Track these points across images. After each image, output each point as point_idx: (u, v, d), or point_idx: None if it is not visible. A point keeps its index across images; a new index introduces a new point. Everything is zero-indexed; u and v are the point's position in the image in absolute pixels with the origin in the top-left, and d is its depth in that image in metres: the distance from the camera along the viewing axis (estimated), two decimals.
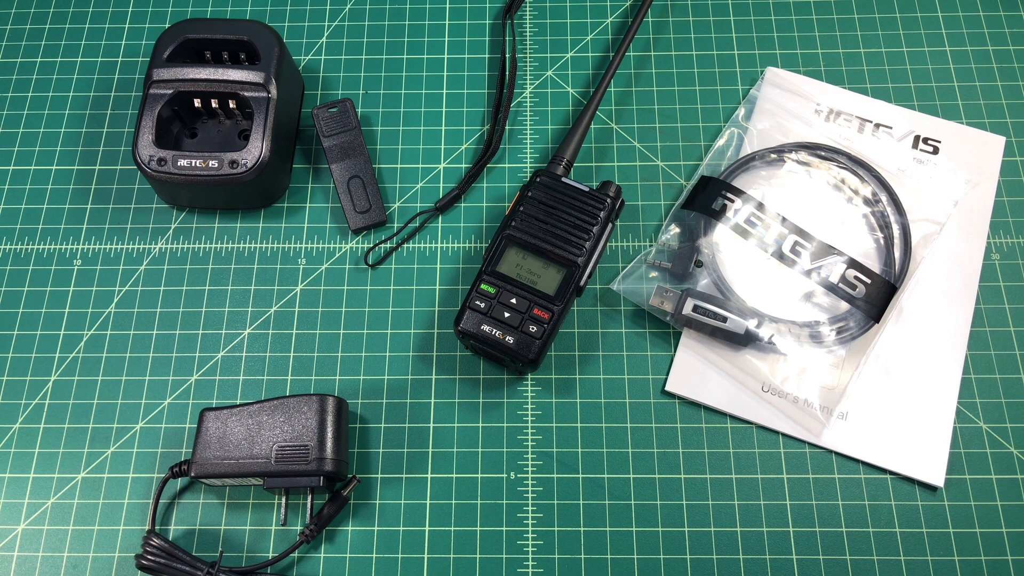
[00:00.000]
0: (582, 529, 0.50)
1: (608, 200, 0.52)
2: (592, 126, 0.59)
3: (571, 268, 0.50)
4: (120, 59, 0.63)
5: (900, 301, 0.53)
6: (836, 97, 0.60)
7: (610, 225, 0.52)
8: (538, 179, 0.53)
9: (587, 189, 0.52)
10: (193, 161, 0.54)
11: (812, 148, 0.57)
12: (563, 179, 0.53)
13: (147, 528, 0.49)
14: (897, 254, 0.54)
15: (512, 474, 0.51)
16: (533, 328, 0.49)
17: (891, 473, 0.50)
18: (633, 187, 0.58)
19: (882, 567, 0.48)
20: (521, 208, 0.52)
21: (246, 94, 0.55)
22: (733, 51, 0.62)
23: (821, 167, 0.57)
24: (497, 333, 0.49)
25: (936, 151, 0.58)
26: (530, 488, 0.51)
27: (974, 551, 0.48)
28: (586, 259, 0.50)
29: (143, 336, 0.55)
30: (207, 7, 0.65)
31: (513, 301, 0.50)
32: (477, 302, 0.50)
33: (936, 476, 0.50)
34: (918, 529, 0.49)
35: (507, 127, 0.60)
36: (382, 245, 0.57)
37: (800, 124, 0.58)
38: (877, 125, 0.59)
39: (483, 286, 0.50)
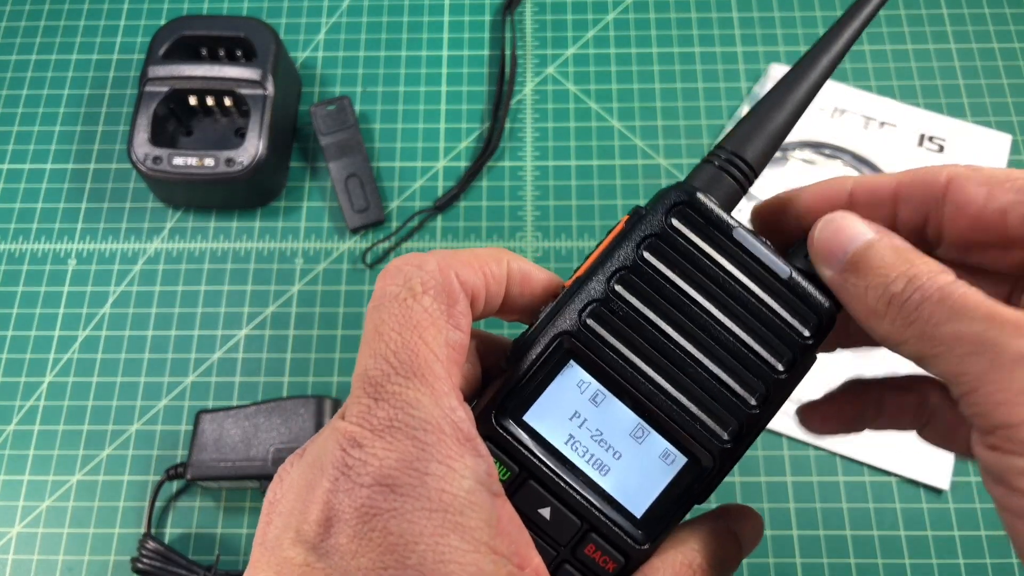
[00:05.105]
0: None
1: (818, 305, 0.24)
2: (593, 124, 0.59)
3: (692, 461, 0.24)
4: (115, 56, 0.63)
5: None
6: (841, 94, 0.59)
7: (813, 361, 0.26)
8: (672, 220, 0.24)
9: (788, 269, 0.24)
10: (189, 159, 0.53)
11: (816, 146, 0.57)
12: (736, 229, 0.24)
13: (143, 531, 0.48)
14: None
15: None
16: None
17: (896, 476, 0.50)
18: (634, 186, 0.57)
19: (887, 570, 0.48)
20: (617, 289, 0.23)
21: (242, 91, 0.54)
22: (736, 48, 0.62)
23: (826, 165, 0.56)
24: None
25: (941, 149, 0.57)
26: None
27: (979, 554, 0.48)
28: (733, 448, 0.24)
29: (138, 337, 0.54)
30: (203, 3, 0.64)
31: (544, 513, 0.23)
32: None
33: (941, 479, 0.49)
34: (923, 532, 0.49)
35: (507, 125, 0.60)
36: (380, 245, 0.56)
37: (804, 121, 0.58)
38: (882, 123, 0.58)
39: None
